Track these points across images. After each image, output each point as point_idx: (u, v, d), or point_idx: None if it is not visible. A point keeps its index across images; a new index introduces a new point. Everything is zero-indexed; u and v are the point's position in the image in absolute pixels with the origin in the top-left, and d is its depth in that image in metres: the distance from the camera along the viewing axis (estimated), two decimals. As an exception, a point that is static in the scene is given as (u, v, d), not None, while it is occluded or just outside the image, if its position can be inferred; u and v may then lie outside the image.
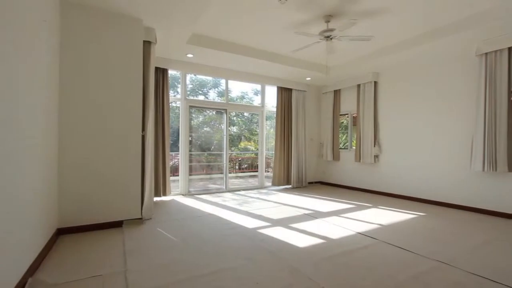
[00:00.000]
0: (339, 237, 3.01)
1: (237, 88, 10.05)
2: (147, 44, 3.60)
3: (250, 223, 3.52)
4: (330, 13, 3.58)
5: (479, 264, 2.32)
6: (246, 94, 9.92)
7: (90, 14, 3.09)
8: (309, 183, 7.02)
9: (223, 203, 4.75)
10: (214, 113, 7.54)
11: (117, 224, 3.24)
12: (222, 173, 6.14)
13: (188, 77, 7.31)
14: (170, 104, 5.52)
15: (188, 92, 7.92)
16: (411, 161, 5.10)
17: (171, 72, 5.57)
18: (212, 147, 7.89)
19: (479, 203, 4.15)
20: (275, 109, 6.48)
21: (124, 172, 3.29)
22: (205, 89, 9.44)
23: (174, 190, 5.41)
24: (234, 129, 10.58)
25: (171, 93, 6.48)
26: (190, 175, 5.57)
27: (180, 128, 5.43)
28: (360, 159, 5.91)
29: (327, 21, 3.70)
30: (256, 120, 8.00)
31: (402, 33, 4.25)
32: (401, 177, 5.27)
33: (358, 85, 6.00)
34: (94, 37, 3.11)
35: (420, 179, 4.95)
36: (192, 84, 8.95)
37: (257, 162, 6.71)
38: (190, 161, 5.65)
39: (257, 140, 6.74)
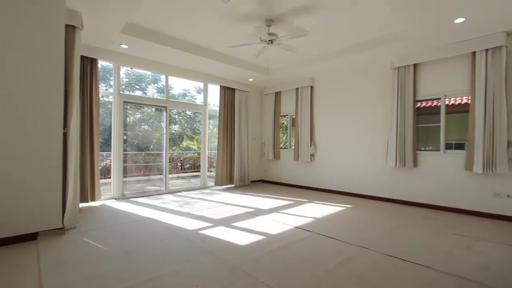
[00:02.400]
0: (278, 232, 3.16)
1: (179, 85, 9.64)
2: (70, 29, 3.16)
3: (191, 224, 3.42)
4: (271, 18, 3.73)
5: (392, 246, 2.73)
6: (189, 92, 9.60)
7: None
8: (252, 181, 7.19)
9: (163, 205, 4.50)
10: (153, 110, 7.07)
11: (31, 237, 2.76)
12: (161, 174, 5.81)
13: (124, 70, 6.69)
14: (101, 99, 4.98)
15: (123, 86, 7.25)
16: (340, 159, 5.69)
17: (102, 63, 5.03)
18: (151, 147, 7.38)
19: (393, 194, 4.87)
20: (218, 108, 6.43)
21: (39, 174, 2.82)
22: (143, 84, 8.79)
23: (106, 194, 4.89)
24: (176, 127, 10.12)
25: (102, 86, 5.85)
26: (124, 177, 5.11)
27: (112, 125, 4.93)
28: (298, 158, 6.32)
29: (268, 25, 3.84)
30: (199, 119, 7.80)
31: (332, 44, 4.70)
32: (333, 174, 5.82)
33: (297, 89, 6.39)
34: (-2, 14, 2.59)
35: (347, 175, 5.55)
36: (128, 78, 8.23)
37: (199, 162, 6.55)
38: (125, 161, 5.18)
39: (200, 140, 6.59)
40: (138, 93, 8.32)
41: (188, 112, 10.03)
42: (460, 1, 2.97)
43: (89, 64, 4.31)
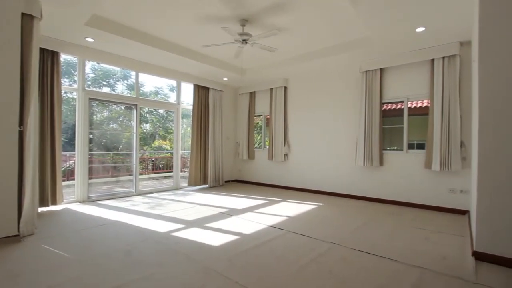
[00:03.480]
0: (252, 231, 3.17)
1: (151, 82, 9.32)
2: (27, 18, 2.90)
3: (163, 226, 3.32)
4: (245, 17, 3.73)
5: (359, 241, 2.86)
6: (161, 90, 9.30)
7: None
8: (226, 181, 7.14)
9: (132, 208, 4.31)
10: (122, 108, 6.74)
11: (-21, 246, 2.50)
12: (131, 175, 5.56)
13: (90, 64, 6.32)
14: (64, 95, 4.65)
15: (89, 82, 6.84)
16: (313, 159, 5.85)
17: (65, 57, 4.71)
18: (120, 146, 7.04)
19: (362, 192, 5.12)
20: (191, 107, 6.30)
21: (-9, 177, 2.57)
22: (111, 81, 8.34)
23: (69, 197, 4.57)
24: (147, 126, 9.76)
25: (66, 81, 5.47)
26: (90, 178, 4.81)
27: (77, 123, 4.62)
28: (272, 157, 6.39)
29: (243, 25, 3.84)
30: (172, 118, 7.58)
31: (306, 47, 4.82)
32: (306, 173, 5.97)
33: (271, 89, 6.46)
34: None
35: (320, 174, 5.73)
36: (94, 74, 7.76)
37: (172, 162, 6.37)
38: (91, 162, 4.89)
39: (173, 139, 6.41)
40: (106, 89, 7.89)
41: (160, 111, 9.71)
42: (421, 11, 3.20)
43: (50, 57, 4.00)
